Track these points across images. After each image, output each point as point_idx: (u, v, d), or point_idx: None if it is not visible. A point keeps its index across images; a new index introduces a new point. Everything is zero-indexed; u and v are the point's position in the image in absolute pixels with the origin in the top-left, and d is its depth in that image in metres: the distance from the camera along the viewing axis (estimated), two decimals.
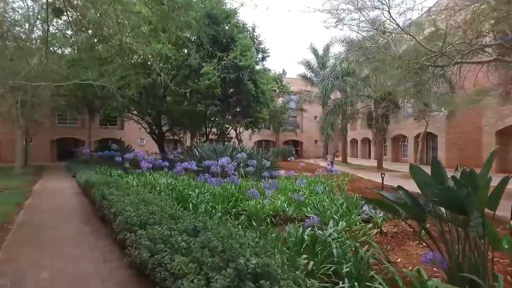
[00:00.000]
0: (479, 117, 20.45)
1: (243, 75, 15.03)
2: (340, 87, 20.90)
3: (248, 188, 8.28)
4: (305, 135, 47.47)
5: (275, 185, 5.01)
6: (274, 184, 5.07)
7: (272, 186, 4.81)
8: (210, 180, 5.24)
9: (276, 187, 5.04)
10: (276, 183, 5.11)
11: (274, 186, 4.85)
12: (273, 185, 5.03)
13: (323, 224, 5.94)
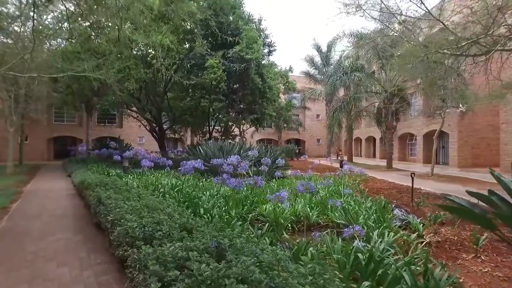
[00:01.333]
0: (492, 115, 19.61)
1: (249, 69, 14.17)
2: (348, 83, 20.02)
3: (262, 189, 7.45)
4: (307, 134, 46.72)
5: (311, 187, 4.12)
6: (309, 186, 4.19)
7: (307, 189, 3.93)
8: (230, 182, 4.32)
9: (312, 189, 4.16)
10: (312, 185, 4.26)
11: (310, 188, 3.97)
12: (307, 187, 4.14)
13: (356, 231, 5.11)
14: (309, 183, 4.09)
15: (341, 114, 21.46)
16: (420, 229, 5.27)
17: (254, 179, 3.99)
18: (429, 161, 24.48)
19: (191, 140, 31.72)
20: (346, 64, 22.75)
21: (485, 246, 4.94)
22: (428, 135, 24.09)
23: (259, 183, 4.11)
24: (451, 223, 6.26)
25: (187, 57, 14.71)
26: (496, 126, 20.23)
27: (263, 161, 7.82)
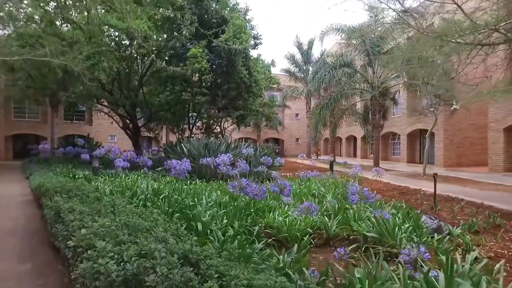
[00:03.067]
0: (475, 114, 19.46)
1: (236, 60, 12.97)
2: (337, 78, 19.25)
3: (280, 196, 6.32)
4: (286, 133, 46.09)
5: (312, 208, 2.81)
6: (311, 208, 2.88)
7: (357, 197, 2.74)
8: (249, 189, 3.03)
9: (312, 208, 2.86)
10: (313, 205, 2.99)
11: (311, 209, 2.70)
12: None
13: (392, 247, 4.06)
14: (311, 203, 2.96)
15: (327, 112, 20.68)
16: (467, 242, 4.30)
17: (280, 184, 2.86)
18: (413, 161, 24.26)
19: (167, 139, 30.04)
20: (328, 61, 22.05)
21: None
22: (411, 134, 23.85)
23: (287, 189, 2.96)
24: (485, 231, 5.41)
25: (166, 47, 13.31)
26: (479, 126, 20.16)
27: (263, 160, 6.68)
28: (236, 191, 2.84)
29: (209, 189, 6.87)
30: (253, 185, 2.73)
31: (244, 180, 2.75)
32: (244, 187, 2.67)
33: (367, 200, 2.69)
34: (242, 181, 2.73)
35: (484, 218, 6.13)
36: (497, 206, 7.63)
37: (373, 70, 18.98)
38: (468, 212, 6.82)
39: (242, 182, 2.75)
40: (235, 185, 2.84)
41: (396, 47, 14.47)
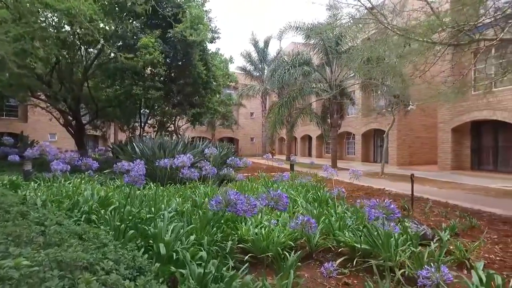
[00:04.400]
0: (424, 115, 20.39)
1: (193, 53, 12.03)
2: (296, 77, 18.98)
3: None
4: (241, 132, 45.64)
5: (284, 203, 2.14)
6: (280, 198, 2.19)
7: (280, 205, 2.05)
8: (240, 206, 2.21)
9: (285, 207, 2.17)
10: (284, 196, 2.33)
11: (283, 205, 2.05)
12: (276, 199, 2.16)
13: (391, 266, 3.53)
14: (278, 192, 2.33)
15: (285, 111, 20.40)
16: (461, 249, 3.94)
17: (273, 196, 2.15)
18: (367, 160, 24.92)
19: (115, 137, 27.94)
20: (286, 59, 21.83)
21: None
22: (366, 134, 24.48)
23: (283, 201, 2.26)
24: (464, 234, 5.19)
25: (115, 35, 11.98)
26: (428, 126, 21.16)
27: (230, 161, 5.95)
28: (221, 208, 2.08)
29: (167, 194, 5.98)
30: (242, 198, 2.00)
31: (232, 192, 2.00)
32: (232, 202, 1.94)
33: (393, 216, 2.09)
34: (230, 193, 1.98)
35: (456, 218, 5.97)
36: (461, 204, 7.65)
37: (332, 69, 19.02)
38: (439, 213, 6.68)
39: (230, 194, 2.00)
40: (219, 200, 2.08)
41: (355, 47, 14.51)
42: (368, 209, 2.10)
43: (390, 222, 3.11)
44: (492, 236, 5.17)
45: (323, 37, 17.54)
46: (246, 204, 2.05)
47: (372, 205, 2.09)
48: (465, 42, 7.52)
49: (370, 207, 2.09)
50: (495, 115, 14.23)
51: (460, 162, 16.50)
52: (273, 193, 2.32)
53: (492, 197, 9.06)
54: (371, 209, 2.08)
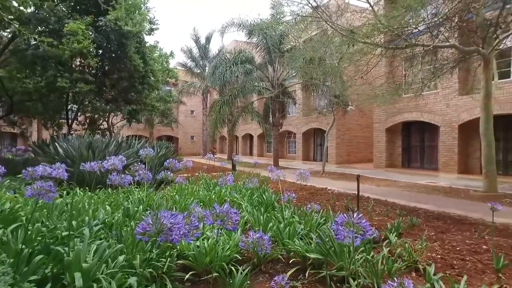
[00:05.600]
0: (359, 116, 21.43)
1: (128, 45, 11.01)
2: (237, 75, 18.64)
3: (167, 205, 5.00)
4: (181, 130, 44.21)
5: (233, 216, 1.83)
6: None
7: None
8: (177, 231, 1.75)
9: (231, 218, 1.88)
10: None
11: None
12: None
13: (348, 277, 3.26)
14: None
15: (227, 109, 19.98)
16: (409, 251, 3.88)
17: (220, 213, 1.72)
18: (308, 158, 25.54)
19: (39, 136, 25.05)
20: (229, 56, 21.44)
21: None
22: (306, 133, 25.06)
23: (233, 219, 1.81)
24: (407, 233, 5.27)
25: (35, 18, 10.47)
26: (363, 126, 22.31)
27: (169, 163, 5.36)
28: (150, 237, 1.58)
29: (95, 202, 5.20)
30: (179, 221, 1.51)
31: (165, 214, 1.52)
32: (166, 228, 1.45)
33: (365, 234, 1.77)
34: (162, 215, 1.51)
35: (398, 217, 6.10)
36: (399, 202, 7.94)
37: (274, 68, 19.04)
38: (381, 212, 6.80)
39: (162, 217, 1.52)
40: (147, 226, 1.58)
41: (297, 47, 14.64)
42: (336, 226, 1.77)
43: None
44: (430, 233, 5.31)
45: (266, 35, 17.46)
46: (186, 226, 1.59)
47: (339, 222, 1.78)
48: (402, 46, 7.84)
49: (338, 224, 1.77)
50: (422, 117, 15.37)
51: (393, 160, 17.59)
52: (219, 208, 1.90)
53: (424, 193, 9.63)
54: (338, 226, 1.76)
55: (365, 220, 1.77)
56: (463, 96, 13.72)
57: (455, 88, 13.99)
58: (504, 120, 12.80)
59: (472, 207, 7.37)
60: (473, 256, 4.24)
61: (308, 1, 8.97)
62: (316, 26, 10.88)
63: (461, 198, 8.63)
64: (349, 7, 9.62)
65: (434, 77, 10.23)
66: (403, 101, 15.67)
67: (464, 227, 5.70)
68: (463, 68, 12.67)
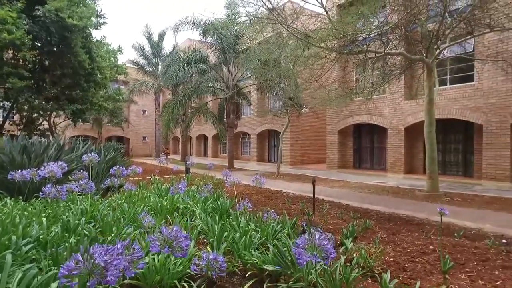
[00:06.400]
0: (312, 117, 21.93)
1: (72, 39, 10.15)
2: (191, 74, 18.13)
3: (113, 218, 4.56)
4: (132, 130, 42.38)
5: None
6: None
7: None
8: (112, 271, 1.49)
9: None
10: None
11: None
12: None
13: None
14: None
15: (180, 110, 19.38)
16: (365, 257, 3.88)
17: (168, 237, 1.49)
18: (262, 159, 25.62)
19: None
20: (182, 55, 20.86)
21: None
22: (261, 134, 25.14)
23: (183, 243, 1.58)
24: (361, 236, 5.35)
25: None
26: (316, 127, 22.87)
27: (115, 170, 4.92)
28: (80, 280, 1.28)
29: (28, 215, 4.62)
30: (117, 256, 1.25)
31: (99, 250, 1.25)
32: (99, 268, 1.16)
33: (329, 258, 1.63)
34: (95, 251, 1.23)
35: (351, 220, 6.20)
36: (352, 204, 8.14)
37: (229, 69, 18.82)
38: (335, 215, 6.88)
39: (95, 254, 1.24)
40: (74, 267, 1.28)
41: (252, 48, 14.60)
42: (297, 250, 1.62)
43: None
44: (383, 236, 5.44)
45: (221, 35, 17.19)
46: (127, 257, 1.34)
47: (301, 245, 1.63)
48: (355, 51, 8.05)
49: (299, 247, 1.62)
50: (372, 120, 16.07)
51: (345, 161, 18.20)
52: (167, 231, 1.66)
53: (375, 194, 10.00)
54: (300, 250, 1.61)
55: (328, 242, 1.64)
56: (409, 101, 14.55)
57: (401, 93, 14.79)
58: (442, 123, 13.77)
59: (418, 207, 7.76)
60: (422, 257, 4.36)
61: (263, 2, 8.89)
62: (272, 28, 10.85)
63: (408, 198, 9.07)
64: (305, 11, 9.72)
65: (384, 82, 10.70)
66: (354, 104, 16.28)
67: (412, 227, 5.92)
68: (409, 75, 13.43)
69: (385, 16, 8.36)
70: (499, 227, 5.93)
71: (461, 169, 13.98)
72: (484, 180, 12.07)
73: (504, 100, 11.71)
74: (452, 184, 12.00)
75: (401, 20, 7.92)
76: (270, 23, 9.05)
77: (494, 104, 11.93)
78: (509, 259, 4.32)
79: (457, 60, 13.17)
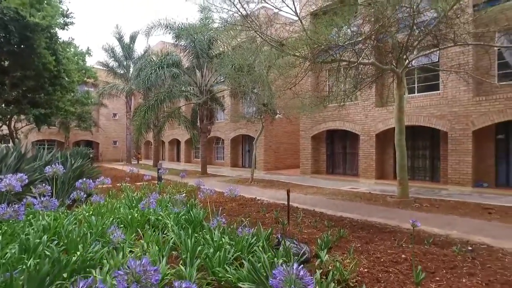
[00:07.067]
0: (285, 123, 22.12)
1: (36, 40, 9.61)
2: (164, 78, 17.74)
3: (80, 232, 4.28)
4: (101, 134, 40.99)
5: None
6: None
7: None
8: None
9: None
10: None
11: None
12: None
13: None
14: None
15: (152, 114, 18.92)
16: (340, 270, 3.87)
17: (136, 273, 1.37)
18: (236, 165, 25.48)
19: None
20: (155, 58, 20.43)
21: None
22: (235, 139, 25.01)
23: (151, 277, 1.47)
24: (336, 246, 5.35)
25: None
26: (290, 132, 23.06)
27: (80, 184, 4.64)
28: None
29: None
30: None
31: None
32: None
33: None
34: None
35: (326, 229, 6.22)
36: (326, 212, 8.19)
37: (202, 73, 18.60)
38: (309, 224, 6.88)
39: None
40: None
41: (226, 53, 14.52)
42: (275, 281, 1.54)
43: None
44: (357, 245, 5.48)
45: (195, 39, 16.97)
46: None
47: (278, 278, 1.54)
48: (328, 60, 8.16)
49: (277, 279, 1.54)
50: (344, 126, 16.40)
51: (318, 167, 18.43)
52: (135, 264, 1.52)
53: (348, 200, 10.14)
54: (277, 282, 1.52)
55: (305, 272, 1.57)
56: (379, 108, 14.96)
57: (372, 100, 15.19)
58: (411, 130, 14.27)
59: (390, 214, 7.93)
60: (395, 267, 4.41)
61: (237, 9, 8.83)
62: (246, 35, 10.82)
63: (380, 205, 9.26)
64: (280, 18, 9.76)
65: (356, 90, 10.93)
66: (327, 110, 16.54)
67: (385, 235, 6.01)
68: (380, 83, 13.82)
69: (358, 26, 8.56)
70: (464, 233, 6.15)
71: (429, 174, 14.51)
72: (449, 185, 12.59)
73: (466, 109, 12.31)
74: (420, 189, 12.41)
75: (373, 31, 8.12)
76: (244, 30, 9.00)
77: (457, 112, 12.50)
78: (474, 265, 4.47)
79: (424, 69, 13.72)
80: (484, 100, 11.89)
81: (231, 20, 9.85)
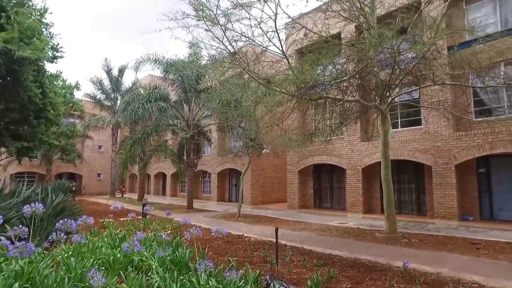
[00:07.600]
0: (272, 156, 22.16)
1: (23, 72, 9.58)
2: (151, 112, 17.79)
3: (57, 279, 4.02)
4: (85, 167, 40.13)
5: None
6: None
7: None
8: None
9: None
10: None
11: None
12: None
13: None
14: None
15: (139, 148, 18.72)
16: None
17: None
18: (222, 199, 25.08)
19: None
20: (142, 92, 20.58)
21: None
22: (221, 173, 24.80)
23: None
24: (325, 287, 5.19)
25: None
26: (277, 166, 23.07)
27: (61, 225, 4.43)
28: None
29: None
30: None
31: None
32: None
33: None
34: None
35: (315, 269, 6.06)
36: (315, 249, 8.01)
37: (190, 107, 18.74)
38: (298, 263, 6.70)
39: None
40: None
41: (214, 88, 14.76)
42: None
43: None
44: (347, 286, 5.33)
45: (183, 74, 17.25)
46: None
47: None
48: (315, 97, 8.36)
49: None
50: (331, 160, 16.53)
51: (305, 201, 18.31)
52: None
53: (336, 236, 9.98)
54: None
55: None
56: (365, 143, 15.22)
57: (358, 135, 15.48)
58: (396, 164, 14.47)
59: (379, 251, 7.81)
60: None
61: (225, 46, 9.08)
62: (233, 70, 11.07)
63: (369, 241, 9.14)
64: (267, 56, 10.06)
65: (341, 126, 11.14)
66: (314, 145, 16.71)
67: (375, 275, 5.88)
68: (365, 118, 14.15)
69: (342, 65, 8.89)
70: (454, 271, 6.08)
71: (415, 208, 14.56)
72: (436, 218, 12.63)
73: (447, 143, 12.65)
74: (408, 223, 12.39)
75: (357, 71, 8.44)
76: (232, 67, 9.21)
77: (439, 147, 12.82)
78: None
79: (406, 105, 14.17)
80: (464, 135, 12.26)
81: (219, 57, 10.09)
